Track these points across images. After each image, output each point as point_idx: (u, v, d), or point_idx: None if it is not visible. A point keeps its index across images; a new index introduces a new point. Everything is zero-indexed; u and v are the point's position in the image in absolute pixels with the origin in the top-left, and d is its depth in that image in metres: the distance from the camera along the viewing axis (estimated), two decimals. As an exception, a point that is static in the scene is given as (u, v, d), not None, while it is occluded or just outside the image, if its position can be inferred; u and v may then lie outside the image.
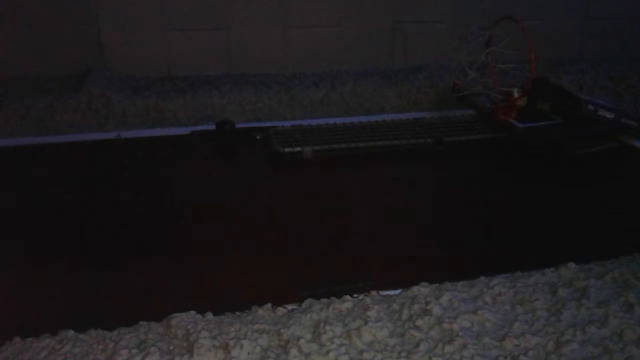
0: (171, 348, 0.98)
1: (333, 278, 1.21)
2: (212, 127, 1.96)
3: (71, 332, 1.02)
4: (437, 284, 1.15)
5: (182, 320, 1.04)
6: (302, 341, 0.99)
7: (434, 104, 2.29)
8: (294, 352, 0.97)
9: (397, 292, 1.14)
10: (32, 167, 1.78)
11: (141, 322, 1.05)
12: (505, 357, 0.97)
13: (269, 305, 1.10)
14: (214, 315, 1.06)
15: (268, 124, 2.06)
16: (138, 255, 1.34)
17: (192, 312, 1.06)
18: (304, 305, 1.10)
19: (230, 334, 1.00)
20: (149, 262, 1.31)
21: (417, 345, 0.99)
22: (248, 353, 0.96)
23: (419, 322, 1.04)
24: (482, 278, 1.17)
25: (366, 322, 1.02)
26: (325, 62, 2.45)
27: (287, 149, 1.83)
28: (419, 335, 1.01)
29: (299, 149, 1.83)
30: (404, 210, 1.57)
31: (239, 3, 2.33)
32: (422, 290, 1.13)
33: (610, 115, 1.87)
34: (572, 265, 1.21)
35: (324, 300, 1.10)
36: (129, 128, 2.06)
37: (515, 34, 1.86)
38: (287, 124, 2.03)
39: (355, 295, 1.12)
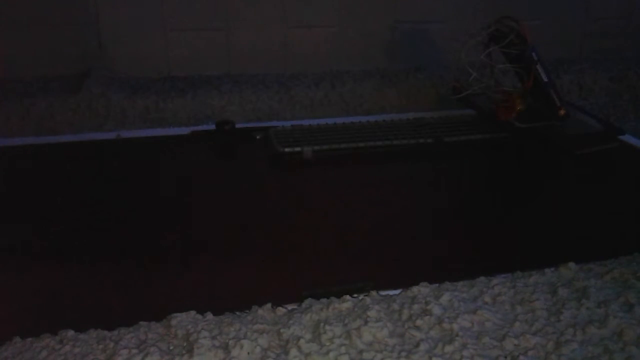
0: (171, 348, 0.98)
1: (333, 278, 1.21)
2: (212, 127, 1.96)
3: (71, 332, 1.02)
4: (437, 284, 1.15)
5: (182, 320, 1.04)
6: (302, 341, 0.99)
7: (434, 104, 2.29)
8: (294, 352, 0.97)
9: (397, 292, 1.14)
10: (32, 167, 1.77)
11: (141, 322, 1.05)
12: (505, 357, 0.97)
13: (269, 305, 1.10)
14: (214, 315, 1.06)
15: (268, 124, 2.06)
16: (138, 255, 1.34)
17: (192, 312, 1.06)
18: (304, 305, 1.10)
19: (230, 334, 1.00)
20: (149, 262, 1.31)
21: (417, 345, 0.99)
22: (248, 353, 0.96)
23: (419, 322, 1.04)
24: (482, 278, 1.17)
25: (366, 322, 1.02)
26: (325, 62, 2.45)
27: (287, 149, 1.83)
28: (419, 335, 1.01)
29: (299, 149, 1.83)
30: (404, 210, 1.57)
31: (239, 3, 2.33)
32: (422, 290, 1.13)
33: (544, 78, 1.86)
34: (572, 265, 1.21)
35: (324, 300, 1.10)
36: (129, 128, 2.06)
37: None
38: (287, 124, 2.02)
39: (355, 295, 1.12)
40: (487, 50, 1.89)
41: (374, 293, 1.13)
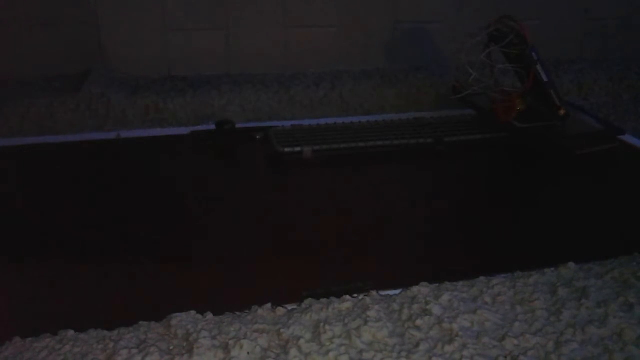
0: (171, 348, 0.98)
1: (333, 278, 1.21)
2: (212, 127, 1.96)
3: (71, 332, 1.02)
4: (437, 284, 1.15)
5: (182, 320, 1.03)
6: (302, 341, 0.99)
7: (434, 104, 2.29)
8: (294, 352, 0.97)
9: (397, 292, 1.14)
10: (32, 167, 1.77)
11: (141, 322, 1.05)
12: (505, 357, 0.97)
13: (269, 305, 1.10)
14: (214, 315, 1.06)
15: (268, 124, 2.06)
16: (138, 255, 1.34)
17: (192, 312, 1.06)
18: (304, 305, 1.10)
19: (230, 334, 1.00)
20: (149, 262, 1.31)
21: (417, 345, 0.99)
22: (248, 353, 0.96)
23: (419, 322, 1.03)
24: (482, 278, 1.17)
25: (366, 322, 1.02)
26: (325, 62, 2.45)
27: (287, 149, 1.83)
28: (419, 335, 1.01)
29: (299, 149, 1.83)
30: (404, 210, 1.57)
31: (239, 3, 2.33)
32: (422, 290, 1.13)
33: (544, 78, 1.85)
34: (572, 265, 1.21)
35: (324, 300, 1.10)
36: (129, 128, 2.06)
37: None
38: (287, 124, 2.02)
39: (355, 295, 1.12)
40: (487, 50, 1.89)
41: (374, 293, 1.13)
